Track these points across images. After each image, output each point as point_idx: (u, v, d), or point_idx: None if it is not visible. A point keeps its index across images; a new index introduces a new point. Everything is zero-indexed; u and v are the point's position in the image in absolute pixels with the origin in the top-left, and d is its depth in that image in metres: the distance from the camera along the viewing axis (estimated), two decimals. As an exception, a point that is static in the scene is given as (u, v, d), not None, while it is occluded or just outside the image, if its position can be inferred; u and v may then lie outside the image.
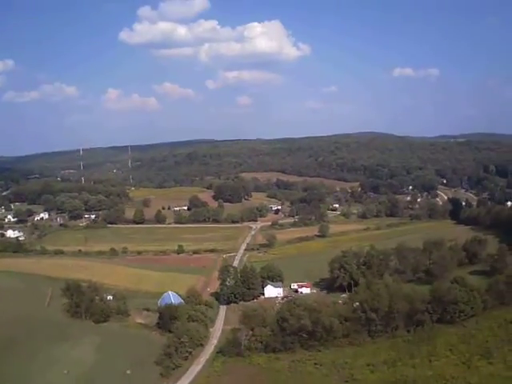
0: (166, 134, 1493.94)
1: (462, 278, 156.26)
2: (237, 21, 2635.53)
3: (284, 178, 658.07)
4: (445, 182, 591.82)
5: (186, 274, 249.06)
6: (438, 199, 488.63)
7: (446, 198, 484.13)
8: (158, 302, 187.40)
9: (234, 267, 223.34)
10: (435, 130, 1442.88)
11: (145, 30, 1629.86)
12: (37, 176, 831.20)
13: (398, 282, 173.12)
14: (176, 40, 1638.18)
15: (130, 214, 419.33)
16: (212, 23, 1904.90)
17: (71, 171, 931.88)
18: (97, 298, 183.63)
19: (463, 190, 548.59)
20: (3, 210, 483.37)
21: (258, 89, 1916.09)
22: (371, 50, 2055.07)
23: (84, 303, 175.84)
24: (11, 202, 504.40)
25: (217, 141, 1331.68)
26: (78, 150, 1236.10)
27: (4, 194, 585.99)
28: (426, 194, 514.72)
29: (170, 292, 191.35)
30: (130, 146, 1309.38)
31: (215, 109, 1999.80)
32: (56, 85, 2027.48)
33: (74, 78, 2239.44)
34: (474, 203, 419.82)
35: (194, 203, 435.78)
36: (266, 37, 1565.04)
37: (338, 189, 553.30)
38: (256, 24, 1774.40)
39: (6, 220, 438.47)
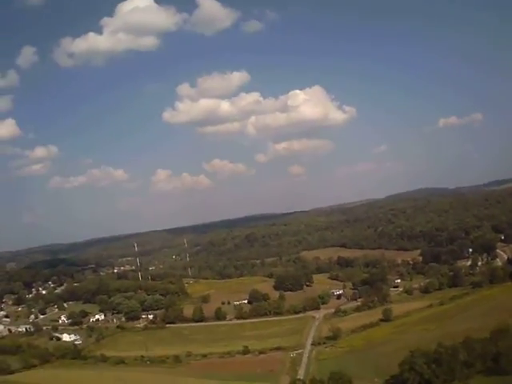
0: (221, 212, 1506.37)
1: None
2: (279, 90, 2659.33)
3: (345, 253, 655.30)
4: (503, 238, 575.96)
5: (254, 382, 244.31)
6: (497, 259, 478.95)
7: (505, 257, 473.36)
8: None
9: (301, 380, 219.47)
10: (487, 176, 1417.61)
11: (187, 108, 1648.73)
12: (92, 266, 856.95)
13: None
14: (220, 116, 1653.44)
15: (188, 311, 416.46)
16: (255, 95, 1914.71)
17: (128, 259, 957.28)
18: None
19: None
20: (56, 310, 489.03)
21: (309, 157, 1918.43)
22: (415, 103, 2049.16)
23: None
24: (65, 301, 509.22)
25: (273, 215, 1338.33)
26: (134, 235, 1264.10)
27: (57, 291, 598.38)
28: (485, 255, 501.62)
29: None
30: (187, 228, 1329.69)
31: (268, 181, 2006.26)
32: (103, 168, 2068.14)
33: (121, 161, 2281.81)
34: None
35: (255, 296, 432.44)
36: (309, 103, 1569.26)
37: (399, 261, 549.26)
38: (298, 91, 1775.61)
39: (60, 321, 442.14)
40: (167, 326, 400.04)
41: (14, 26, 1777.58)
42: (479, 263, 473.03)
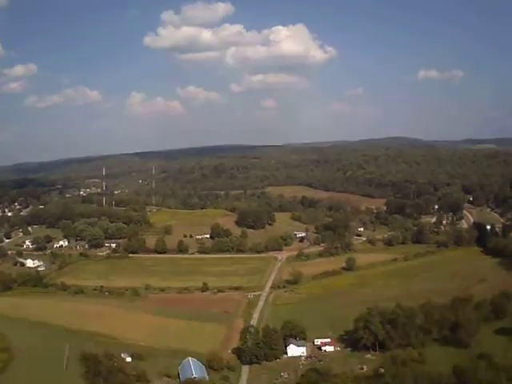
0: (193, 139, 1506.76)
1: (489, 355, 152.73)
2: (262, 24, 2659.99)
3: (310, 193, 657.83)
4: (471, 199, 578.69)
5: (208, 322, 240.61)
6: (463, 221, 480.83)
7: (471, 220, 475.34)
8: (178, 368, 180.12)
9: (254, 328, 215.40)
10: (462, 133, 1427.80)
11: (169, 34, 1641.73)
12: (59, 187, 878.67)
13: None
14: (201, 44, 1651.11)
15: (151, 242, 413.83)
16: (237, 27, 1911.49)
17: (96, 181, 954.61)
18: (115, 363, 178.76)
19: (489, 209, 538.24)
20: (21, 234, 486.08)
21: (283, 92, 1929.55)
22: (396, 51, 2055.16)
23: (102, 373, 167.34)
24: (29, 225, 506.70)
25: (245, 146, 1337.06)
26: (105, 157, 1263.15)
27: (22, 213, 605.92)
28: (451, 214, 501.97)
29: (190, 359, 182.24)
30: (157, 153, 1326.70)
31: (241, 112, 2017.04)
32: (79, 89, 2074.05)
33: (98, 82, 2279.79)
34: (499, 226, 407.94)
35: (216, 231, 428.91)
36: (291, 40, 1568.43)
37: (363, 208, 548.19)
38: (281, 28, 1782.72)
39: (25, 246, 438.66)
40: (130, 255, 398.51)
41: None
42: (444, 222, 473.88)
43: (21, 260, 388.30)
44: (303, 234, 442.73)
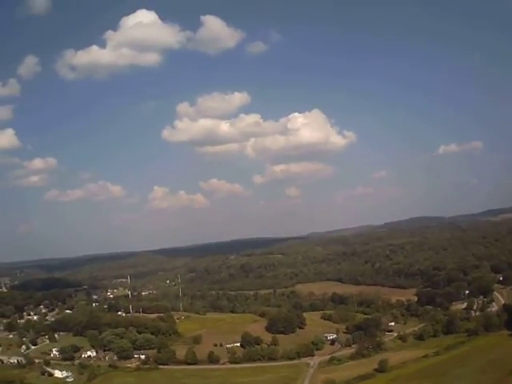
0: (217, 232, 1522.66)
1: None
2: (278, 113, 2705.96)
3: (340, 288, 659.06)
4: (501, 278, 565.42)
5: None
6: (494, 303, 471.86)
7: (502, 301, 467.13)
8: None
9: None
10: (482, 205, 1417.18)
11: (186, 127, 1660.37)
12: (85, 287, 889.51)
13: None
14: (219, 136, 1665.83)
15: (181, 353, 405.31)
16: (255, 117, 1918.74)
17: (122, 280, 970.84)
18: None
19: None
20: (47, 341, 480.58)
21: (306, 180, 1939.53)
22: (415, 130, 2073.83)
23: None
24: (55, 331, 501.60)
25: (269, 239, 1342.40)
26: (129, 254, 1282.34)
27: (48, 317, 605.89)
28: (481, 297, 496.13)
29: None
30: (182, 249, 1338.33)
31: (264, 202, 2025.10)
32: (100, 183, 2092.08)
33: (119, 177, 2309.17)
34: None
35: (247, 339, 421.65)
36: (309, 127, 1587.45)
37: (394, 301, 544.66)
38: (297, 114, 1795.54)
39: (52, 355, 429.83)
40: (160, 367, 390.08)
41: (17, 35, 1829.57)
42: (474, 306, 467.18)
43: (49, 370, 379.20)
44: (334, 336, 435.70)
